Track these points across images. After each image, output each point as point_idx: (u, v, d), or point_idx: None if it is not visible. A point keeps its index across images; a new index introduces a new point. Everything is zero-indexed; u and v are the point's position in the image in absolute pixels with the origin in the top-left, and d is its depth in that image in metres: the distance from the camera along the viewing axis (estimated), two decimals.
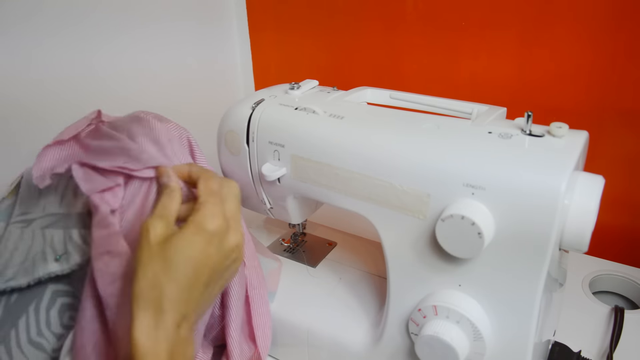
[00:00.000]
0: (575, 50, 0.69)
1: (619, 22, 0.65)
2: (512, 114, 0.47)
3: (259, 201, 0.58)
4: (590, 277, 0.65)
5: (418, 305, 0.44)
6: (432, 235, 0.42)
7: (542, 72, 0.73)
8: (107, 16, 0.72)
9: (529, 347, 0.41)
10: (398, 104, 0.54)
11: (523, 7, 0.70)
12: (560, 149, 0.39)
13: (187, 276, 0.36)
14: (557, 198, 0.35)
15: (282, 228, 0.71)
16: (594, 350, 0.54)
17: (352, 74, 0.91)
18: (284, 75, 1.00)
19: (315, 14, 0.89)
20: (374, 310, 0.54)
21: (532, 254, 0.38)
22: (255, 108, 0.52)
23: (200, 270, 0.36)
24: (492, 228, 0.38)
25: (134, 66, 0.78)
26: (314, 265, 0.62)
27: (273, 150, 0.51)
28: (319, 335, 0.53)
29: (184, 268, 0.35)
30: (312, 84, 0.57)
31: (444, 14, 0.77)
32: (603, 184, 0.38)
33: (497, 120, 0.45)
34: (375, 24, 0.84)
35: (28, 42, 0.63)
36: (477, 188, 0.38)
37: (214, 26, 0.94)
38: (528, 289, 0.39)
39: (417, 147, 0.42)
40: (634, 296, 0.65)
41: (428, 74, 0.83)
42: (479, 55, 0.76)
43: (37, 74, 0.65)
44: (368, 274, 0.60)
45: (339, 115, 0.48)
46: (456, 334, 0.41)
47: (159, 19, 0.81)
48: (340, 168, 0.46)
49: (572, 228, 0.37)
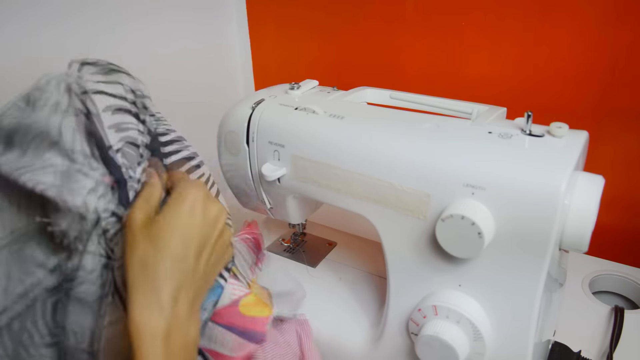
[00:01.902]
0: (576, 50, 0.69)
1: (619, 22, 0.65)
2: (512, 114, 0.47)
3: (259, 201, 0.58)
4: (590, 277, 0.65)
5: (418, 305, 0.44)
6: (432, 235, 0.42)
7: (542, 72, 0.73)
8: (105, 14, 0.72)
9: (529, 347, 0.41)
10: (398, 104, 0.54)
11: (523, 8, 0.70)
12: (560, 149, 0.39)
13: (175, 248, 0.35)
14: (557, 198, 0.35)
15: (282, 228, 0.71)
16: (594, 350, 0.54)
17: (352, 74, 0.91)
18: (284, 75, 1.00)
19: (316, 14, 0.89)
20: (374, 310, 0.54)
21: (532, 254, 0.38)
22: (255, 108, 0.52)
23: (188, 240, 0.36)
24: (492, 228, 0.38)
25: (134, 64, 0.78)
26: (314, 265, 0.62)
27: (273, 150, 0.51)
28: (319, 335, 0.53)
29: (170, 240, 0.35)
30: (312, 84, 0.57)
31: (444, 14, 0.77)
32: (603, 184, 0.38)
33: (497, 120, 0.45)
34: (376, 24, 0.84)
35: (25, 33, 0.62)
36: (477, 188, 0.38)
37: (214, 26, 0.94)
38: (528, 289, 0.39)
39: (417, 147, 0.42)
40: (634, 296, 0.65)
41: (428, 74, 0.83)
42: (479, 56, 0.76)
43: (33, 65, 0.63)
44: (368, 274, 0.60)
45: (339, 115, 0.48)
46: (456, 334, 0.41)
47: (159, 18, 0.81)
48: (340, 168, 0.46)
49: (572, 228, 0.37)
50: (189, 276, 0.36)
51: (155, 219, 0.36)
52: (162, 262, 0.35)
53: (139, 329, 0.33)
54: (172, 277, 0.35)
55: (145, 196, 0.38)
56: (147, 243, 0.35)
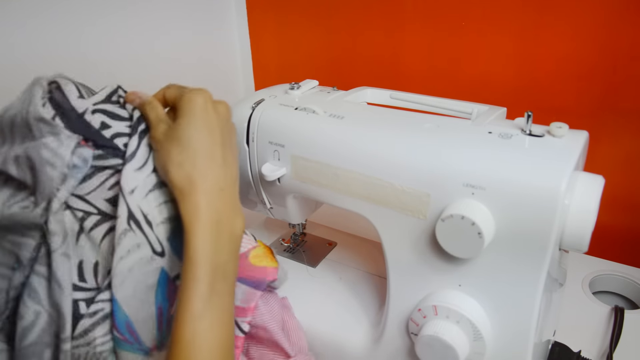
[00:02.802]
0: (576, 50, 0.69)
1: (619, 22, 0.65)
2: (512, 114, 0.47)
3: (259, 201, 0.58)
4: (590, 277, 0.65)
5: (418, 305, 0.44)
6: (432, 235, 0.42)
7: (542, 72, 0.73)
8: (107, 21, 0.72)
9: (529, 347, 0.41)
10: (398, 104, 0.54)
11: (523, 7, 0.70)
12: (560, 149, 0.39)
13: (203, 142, 0.37)
14: (557, 198, 0.35)
15: (282, 228, 0.71)
16: (594, 350, 0.54)
17: (352, 74, 0.91)
18: (284, 75, 1.00)
19: (316, 14, 0.89)
20: (374, 310, 0.54)
21: (532, 254, 0.38)
22: (255, 108, 0.52)
23: (211, 133, 0.38)
24: (492, 228, 0.38)
25: (134, 64, 0.78)
26: (314, 265, 0.62)
27: (273, 150, 0.51)
28: (319, 335, 0.53)
29: (196, 136, 0.37)
30: (312, 84, 0.57)
31: (444, 14, 0.77)
32: (603, 184, 0.38)
33: (497, 120, 0.45)
34: (376, 24, 0.84)
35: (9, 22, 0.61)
36: (477, 188, 0.38)
37: (214, 26, 0.94)
38: (528, 289, 0.39)
39: (417, 147, 0.42)
40: (634, 296, 0.65)
41: (428, 74, 0.83)
42: (479, 55, 0.76)
43: (19, 56, 0.62)
44: (368, 274, 0.60)
45: (339, 115, 0.48)
46: (456, 334, 0.41)
47: (158, 17, 0.81)
48: (340, 168, 0.46)
49: (572, 228, 0.37)
50: (222, 167, 0.38)
51: (176, 124, 0.38)
52: (197, 158, 0.37)
53: (191, 211, 0.36)
54: (209, 168, 0.37)
55: (153, 114, 0.40)
56: (176, 146, 0.37)
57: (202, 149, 0.37)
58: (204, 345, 0.34)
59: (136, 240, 0.38)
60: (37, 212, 0.38)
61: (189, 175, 0.36)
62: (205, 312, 0.34)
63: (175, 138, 0.37)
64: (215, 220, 0.36)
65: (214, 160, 0.38)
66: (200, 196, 0.36)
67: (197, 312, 0.34)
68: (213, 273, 0.35)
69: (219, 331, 0.35)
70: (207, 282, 0.35)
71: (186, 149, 0.37)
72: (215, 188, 0.37)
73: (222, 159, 0.38)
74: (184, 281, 0.35)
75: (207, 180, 0.37)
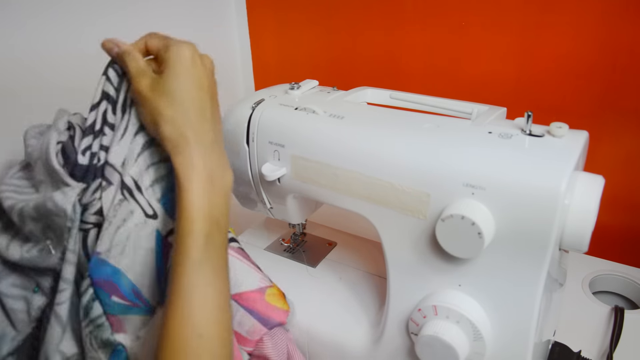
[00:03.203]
0: (576, 50, 0.69)
1: (620, 21, 0.65)
2: (512, 114, 0.47)
3: (259, 201, 0.58)
4: (590, 277, 0.65)
5: (418, 305, 0.44)
6: (432, 235, 0.42)
7: (542, 71, 0.73)
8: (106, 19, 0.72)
9: (529, 347, 0.41)
10: (398, 104, 0.54)
11: (523, 7, 0.70)
12: (560, 149, 0.39)
13: (192, 95, 0.37)
14: (557, 198, 0.35)
15: (282, 228, 0.71)
16: (594, 350, 0.54)
17: (352, 74, 0.91)
18: (284, 75, 1.00)
19: (316, 14, 0.89)
20: (374, 310, 0.54)
21: (532, 254, 0.38)
22: (255, 108, 0.52)
23: (200, 86, 0.38)
24: (492, 228, 0.38)
25: None
26: (314, 265, 0.62)
27: (273, 150, 0.51)
28: (319, 335, 0.53)
29: (185, 89, 0.37)
30: (312, 84, 0.57)
31: (444, 14, 0.77)
32: (603, 184, 0.38)
33: (497, 120, 0.45)
34: (376, 24, 0.84)
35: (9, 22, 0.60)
36: (477, 188, 0.38)
37: (214, 26, 0.94)
38: (528, 289, 0.39)
39: (417, 147, 0.42)
40: (634, 296, 0.65)
41: (428, 74, 0.83)
42: (479, 55, 0.76)
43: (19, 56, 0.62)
44: (368, 274, 0.60)
45: (339, 115, 0.48)
46: (456, 334, 0.41)
47: (158, 17, 0.81)
48: (340, 168, 0.46)
49: (572, 228, 0.37)
50: (211, 122, 0.38)
51: (164, 78, 0.37)
52: (189, 112, 0.36)
53: (186, 166, 0.36)
54: (201, 122, 0.37)
55: (133, 65, 0.39)
56: (165, 100, 0.36)
57: (193, 103, 0.37)
58: (201, 293, 0.35)
59: (129, 207, 0.39)
60: (54, 259, 0.40)
61: (182, 130, 0.36)
62: (203, 262, 0.35)
63: (164, 92, 0.37)
64: (208, 175, 0.36)
65: (204, 114, 0.38)
66: (194, 151, 0.36)
67: (195, 262, 0.35)
68: (209, 225, 0.36)
69: (215, 280, 0.36)
70: (204, 234, 0.35)
71: (177, 104, 0.36)
72: (207, 142, 0.37)
73: (211, 113, 0.38)
74: (180, 236, 0.35)
75: (199, 135, 0.37)
